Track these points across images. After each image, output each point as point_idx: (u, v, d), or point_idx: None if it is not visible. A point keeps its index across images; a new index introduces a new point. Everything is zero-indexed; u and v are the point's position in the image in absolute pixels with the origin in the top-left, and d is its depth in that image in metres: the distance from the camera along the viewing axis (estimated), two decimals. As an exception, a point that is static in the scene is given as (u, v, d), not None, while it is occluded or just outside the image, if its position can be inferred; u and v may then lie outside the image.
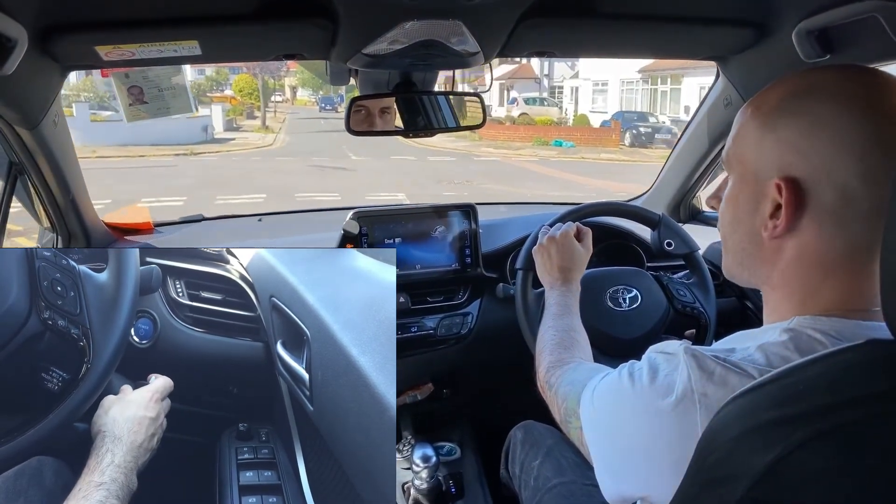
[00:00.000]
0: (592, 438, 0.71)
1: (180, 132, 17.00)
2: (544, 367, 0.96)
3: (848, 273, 0.59)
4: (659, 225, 1.38)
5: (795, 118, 0.59)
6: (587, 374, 0.80)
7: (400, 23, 0.94)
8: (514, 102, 25.64)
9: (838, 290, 0.60)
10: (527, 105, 24.89)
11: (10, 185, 1.32)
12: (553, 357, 0.96)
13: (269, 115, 28.40)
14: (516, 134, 21.06)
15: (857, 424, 0.44)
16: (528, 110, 24.25)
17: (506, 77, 28.43)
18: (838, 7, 0.93)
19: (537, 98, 26.28)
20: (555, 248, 1.19)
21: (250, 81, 27.34)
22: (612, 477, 0.67)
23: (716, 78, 1.47)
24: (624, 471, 0.66)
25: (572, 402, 0.78)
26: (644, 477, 0.63)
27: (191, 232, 1.79)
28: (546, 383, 0.93)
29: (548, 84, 28.83)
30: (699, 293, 1.34)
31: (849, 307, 0.59)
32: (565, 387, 0.85)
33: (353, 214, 1.51)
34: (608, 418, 0.69)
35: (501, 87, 29.26)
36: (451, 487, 1.57)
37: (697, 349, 0.60)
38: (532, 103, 25.18)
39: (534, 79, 28.75)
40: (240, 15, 0.97)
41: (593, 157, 17.10)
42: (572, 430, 0.78)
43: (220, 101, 25.94)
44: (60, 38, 0.96)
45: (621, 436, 0.66)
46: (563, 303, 1.11)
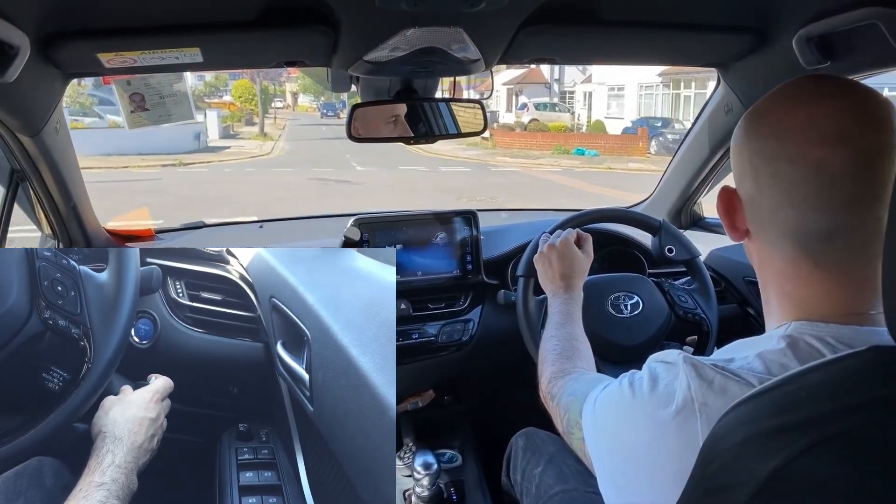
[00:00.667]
0: (594, 449, 0.70)
1: (170, 140, 15.82)
2: (546, 378, 0.96)
3: (830, 277, 0.60)
4: (660, 231, 1.38)
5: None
6: (589, 384, 0.80)
7: (401, 30, 0.94)
8: (525, 108, 24.38)
9: (825, 294, 0.60)
10: (537, 111, 23.58)
11: (11, 191, 1.33)
12: (555, 368, 0.96)
13: (269, 121, 27.76)
14: (533, 142, 19.68)
15: (859, 431, 0.44)
16: (538, 116, 22.99)
17: (514, 82, 27.53)
18: (839, 14, 0.94)
19: (548, 103, 25.01)
20: (555, 256, 1.19)
21: (250, 87, 26.56)
22: (614, 487, 0.67)
23: (717, 85, 1.48)
24: (626, 481, 0.66)
25: (574, 412, 0.78)
26: (647, 487, 0.63)
27: (192, 239, 1.79)
28: (548, 394, 0.92)
29: (558, 89, 27.68)
30: (701, 299, 1.33)
31: (845, 311, 0.59)
32: (567, 398, 0.85)
33: (354, 221, 1.51)
34: (610, 428, 0.69)
35: (509, 93, 28.59)
36: (452, 495, 1.56)
37: (697, 358, 0.60)
38: (543, 109, 23.89)
39: (543, 84, 27.55)
40: (241, 22, 0.98)
41: (620, 166, 15.51)
42: (575, 440, 0.78)
43: (218, 107, 25.30)
44: (62, 46, 0.97)
45: (623, 446, 0.66)
46: (565, 311, 1.11)
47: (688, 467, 0.53)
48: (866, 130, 0.57)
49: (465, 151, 18.20)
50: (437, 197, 10.73)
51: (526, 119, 23.24)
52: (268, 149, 19.49)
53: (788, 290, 0.63)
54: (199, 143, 18.31)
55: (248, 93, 26.65)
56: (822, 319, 0.59)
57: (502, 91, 28.89)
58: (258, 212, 8.46)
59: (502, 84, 28.14)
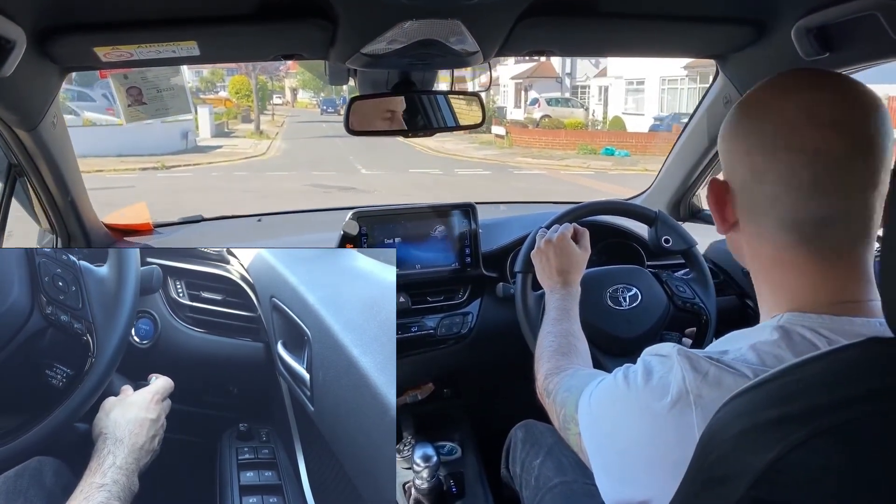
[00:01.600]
0: (591, 443, 0.71)
1: (156, 140, 14.44)
2: (542, 374, 0.96)
3: (825, 264, 0.61)
4: (656, 221, 1.38)
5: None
6: (584, 380, 0.80)
7: (398, 23, 0.94)
8: (536, 104, 22.70)
9: (819, 282, 0.61)
10: (549, 106, 22.02)
11: (9, 186, 1.32)
12: (551, 364, 0.97)
13: (267, 118, 26.66)
14: (556, 141, 17.66)
15: (857, 422, 0.44)
16: (550, 112, 21.49)
17: (523, 76, 26.10)
18: (838, 5, 0.93)
19: (560, 98, 23.41)
20: (552, 252, 1.19)
21: (246, 83, 25.38)
22: (611, 481, 0.68)
23: (715, 76, 1.47)
24: (623, 474, 0.66)
25: (570, 408, 0.78)
26: (643, 480, 0.63)
27: (190, 232, 1.79)
28: (545, 390, 0.93)
29: (569, 83, 26.05)
30: (698, 289, 1.34)
31: (837, 299, 0.60)
32: (563, 393, 0.85)
33: (352, 214, 1.51)
34: (605, 422, 0.69)
35: (518, 88, 27.16)
36: (451, 487, 1.56)
37: (691, 351, 0.61)
38: (555, 104, 22.34)
39: (554, 78, 25.86)
40: (238, 15, 0.97)
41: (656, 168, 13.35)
42: (571, 436, 0.79)
43: (213, 103, 23.75)
44: (59, 40, 0.96)
45: (619, 439, 0.66)
46: (563, 307, 1.11)
47: (684, 459, 0.53)
48: (862, 119, 0.59)
49: (480, 151, 16.97)
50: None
51: (537, 115, 21.89)
52: (263, 148, 18.16)
53: (780, 280, 0.64)
54: (186, 142, 16.64)
55: (245, 88, 25.52)
56: (814, 310, 0.60)
57: (510, 86, 27.60)
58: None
59: (510, 78, 27.01)
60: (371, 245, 1.52)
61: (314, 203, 9.11)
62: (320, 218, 2.14)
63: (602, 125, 21.34)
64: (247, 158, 15.98)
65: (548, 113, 21.58)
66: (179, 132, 16.13)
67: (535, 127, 20.43)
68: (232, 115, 24.65)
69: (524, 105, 25.42)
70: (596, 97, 24.36)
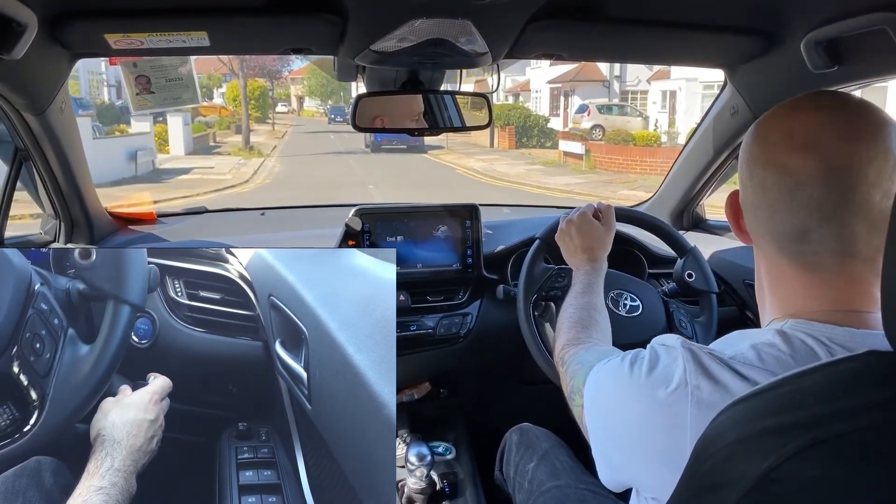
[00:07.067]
0: (591, 418, 0.74)
1: (95, 163, 7.26)
2: (560, 344, 0.98)
3: (810, 276, 0.62)
4: (688, 254, 1.35)
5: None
6: (597, 356, 0.82)
7: (409, 20, 0.94)
8: (585, 111, 18.94)
9: (810, 292, 0.63)
10: (601, 114, 18.51)
11: (14, 170, 1.33)
12: (570, 335, 0.98)
13: (267, 129, 23.45)
14: (654, 161, 12.76)
15: (853, 434, 0.44)
16: (603, 121, 18.03)
17: (562, 80, 22.12)
18: (848, 18, 0.93)
19: (613, 105, 19.86)
20: (574, 230, 1.19)
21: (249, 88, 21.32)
22: (605, 459, 0.71)
23: (723, 86, 1.47)
24: (616, 454, 0.69)
25: (579, 380, 0.81)
26: (634, 464, 0.67)
27: (193, 223, 1.79)
28: (560, 359, 0.95)
29: (618, 88, 22.03)
30: (700, 333, 1.31)
31: (834, 309, 0.61)
32: (575, 366, 0.87)
33: (356, 211, 1.51)
34: (606, 400, 0.72)
35: (554, 93, 23.41)
36: (445, 487, 1.56)
37: (695, 345, 0.63)
38: (606, 112, 18.84)
39: (601, 81, 21.90)
40: (249, 7, 0.98)
41: None
42: (575, 407, 0.81)
43: (206, 111, 21.27)
44: (70, 25, 0.97)
45: (616, 419, 0.69)
46: (587, 281, 1.11)
47: (673, 450, 0.55)
48: (841, 143, 0.60)
49: (550, 178, 12.67)
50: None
51: (586, 124, 18.33)
52: (248, 173, 13.10)
53: (773, 289, 0.67)
54: (135, 167, 11.55)
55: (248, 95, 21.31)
56: (816, 319, 0.61)
57: (544, 91, 23.99)
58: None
59: (546, 82, 23.34)
60: (373, 242, 1.52)
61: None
62: (324, 214, 2.14)
63: (676, 138, 17.25)
64: (218, 191, 10.85)
65: (599, 122, 18.17)
66: (125, 153, 11.06)
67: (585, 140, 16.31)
68: (225, 124, 21.67)
69: (562, 112, 22.08)
70: (659, 103, 20.17)
